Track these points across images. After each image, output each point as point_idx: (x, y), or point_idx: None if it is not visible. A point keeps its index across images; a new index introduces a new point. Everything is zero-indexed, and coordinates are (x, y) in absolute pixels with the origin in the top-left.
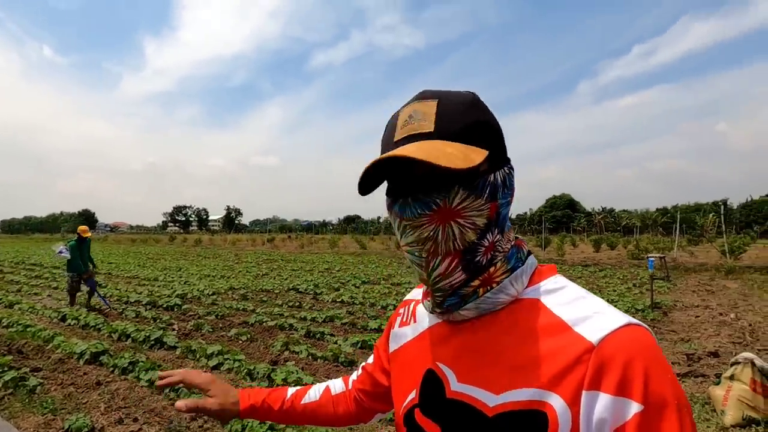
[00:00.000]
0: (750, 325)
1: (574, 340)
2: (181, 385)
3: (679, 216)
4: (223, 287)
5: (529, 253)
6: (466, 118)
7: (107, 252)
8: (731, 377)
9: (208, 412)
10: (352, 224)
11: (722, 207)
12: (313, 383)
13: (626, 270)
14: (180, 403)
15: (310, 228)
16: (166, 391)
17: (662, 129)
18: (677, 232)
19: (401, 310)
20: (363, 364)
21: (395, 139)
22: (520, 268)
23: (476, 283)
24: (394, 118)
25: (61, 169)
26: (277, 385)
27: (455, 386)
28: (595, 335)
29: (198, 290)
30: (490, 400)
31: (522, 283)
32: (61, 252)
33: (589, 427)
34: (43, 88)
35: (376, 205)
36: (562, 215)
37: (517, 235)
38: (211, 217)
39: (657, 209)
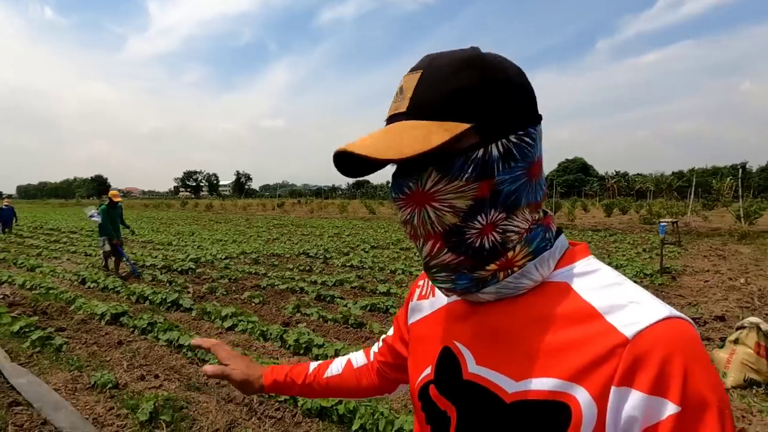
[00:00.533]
0: (759, 289)
1: (606, 330)
2: (209, 351)
3: (694, 179)
4: (235, 251)
5: (559, 232)
6: (447, 87)
7: None
8: (736, 341)
9: (232, 381)
10: (361, 189)
11: (740, 170)
12: (323, 344)
13: (637, 235)
14: (207, 367)
15: (320, 193)
16: (185, 350)
17: (683, 88)
18: (692, 196)
19: (420, 282)
20: (383, 336)
21: (386, 117)
22: (547, 250)
23: (493, 267)
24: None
25: (70, 134)
26: (290, 346)
27: (473, 368)
28: (630, 329)
29: (211, 254)
30: (509, 386)
31: (549, 267)
32: (92, 216)
33: (616, 424)
34: (48, 49)
35: (385, 170)
36: (575, 179)
37: (546, 210)
38: (221, 182)
39: (672, 173)
